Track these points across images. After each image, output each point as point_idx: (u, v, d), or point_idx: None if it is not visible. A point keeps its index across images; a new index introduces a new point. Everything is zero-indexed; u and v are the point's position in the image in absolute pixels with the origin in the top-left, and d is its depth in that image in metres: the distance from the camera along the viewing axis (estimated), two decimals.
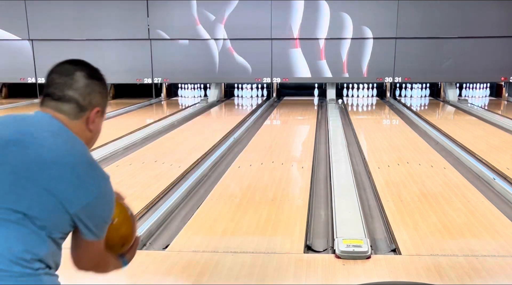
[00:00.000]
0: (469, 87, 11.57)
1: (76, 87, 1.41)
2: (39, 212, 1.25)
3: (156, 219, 3.32)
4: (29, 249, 1.24)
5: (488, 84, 11.53)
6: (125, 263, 1.65)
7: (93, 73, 1.47)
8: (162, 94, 11.43)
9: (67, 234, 1.36)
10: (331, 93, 10.83)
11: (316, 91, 11.59)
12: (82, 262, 1.43)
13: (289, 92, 11.68)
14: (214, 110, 9.74)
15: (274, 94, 11.37)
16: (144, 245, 3.00)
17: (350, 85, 11.41)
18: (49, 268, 1.30)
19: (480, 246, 2.92)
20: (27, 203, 1.25)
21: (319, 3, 10.24)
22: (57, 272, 1.36)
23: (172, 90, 11.86)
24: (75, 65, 1.45)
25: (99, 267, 1.49)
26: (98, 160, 5.33)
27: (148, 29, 10.49)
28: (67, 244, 1.36)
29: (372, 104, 10.59)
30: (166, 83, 11.18)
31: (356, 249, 2.75)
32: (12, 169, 1.26)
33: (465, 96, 11.34)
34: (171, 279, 2.54)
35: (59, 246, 1.34)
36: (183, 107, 10.01)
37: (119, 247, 1.59)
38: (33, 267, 1.24)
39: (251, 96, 11.52)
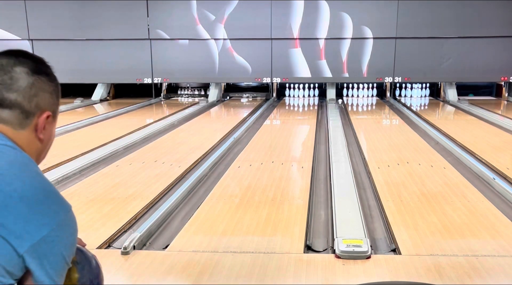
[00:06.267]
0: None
1: (17, 88, 1.08)
2: None
3: (156, 219, 3.32)
4: None
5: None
6: None
7: (38, 68, 1.13)
8: (162, 93, 11.43)
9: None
10: (331, 93, 10.82)
11: (316, 91, 11.57)
12: None
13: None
14: (214, 110, 9.74)
15: (274, 94, 11.37)
16: (144, 245, 3.00)
17: (350, 85, 11.41)
18: None
19: (480, 246, 2.92)
20: None
21: (319, 3, 10.24)
22: None
23: (173, 90, 11.86)
24: (14, 58, 1.11)
25: None
26: (98, 160, 5.31)
27: (148, 29, 10.49)
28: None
29: (372, 104, 10.58)
30: (166, 83, 11.18)
31: (356, 249, 2.75)
32: None
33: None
34: (171, 279, 2.54)
35: None
36: (183, 107, 10.01)
37: None
38: None
39: None
